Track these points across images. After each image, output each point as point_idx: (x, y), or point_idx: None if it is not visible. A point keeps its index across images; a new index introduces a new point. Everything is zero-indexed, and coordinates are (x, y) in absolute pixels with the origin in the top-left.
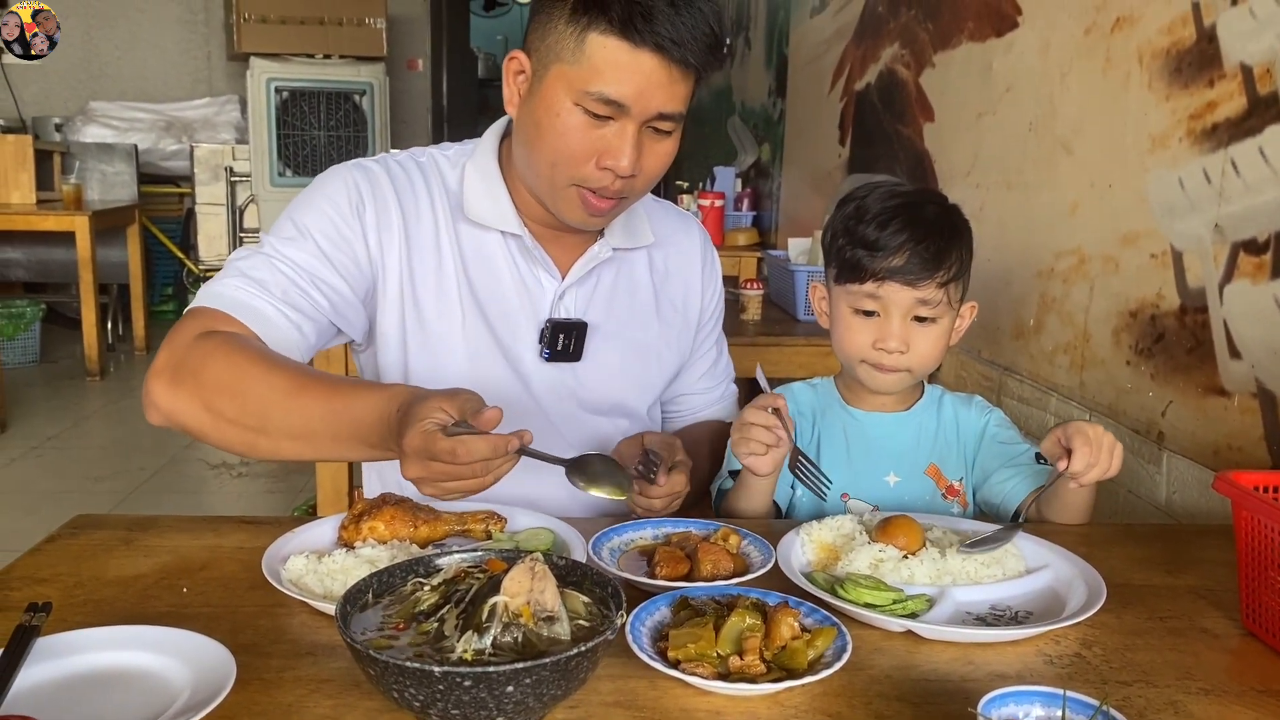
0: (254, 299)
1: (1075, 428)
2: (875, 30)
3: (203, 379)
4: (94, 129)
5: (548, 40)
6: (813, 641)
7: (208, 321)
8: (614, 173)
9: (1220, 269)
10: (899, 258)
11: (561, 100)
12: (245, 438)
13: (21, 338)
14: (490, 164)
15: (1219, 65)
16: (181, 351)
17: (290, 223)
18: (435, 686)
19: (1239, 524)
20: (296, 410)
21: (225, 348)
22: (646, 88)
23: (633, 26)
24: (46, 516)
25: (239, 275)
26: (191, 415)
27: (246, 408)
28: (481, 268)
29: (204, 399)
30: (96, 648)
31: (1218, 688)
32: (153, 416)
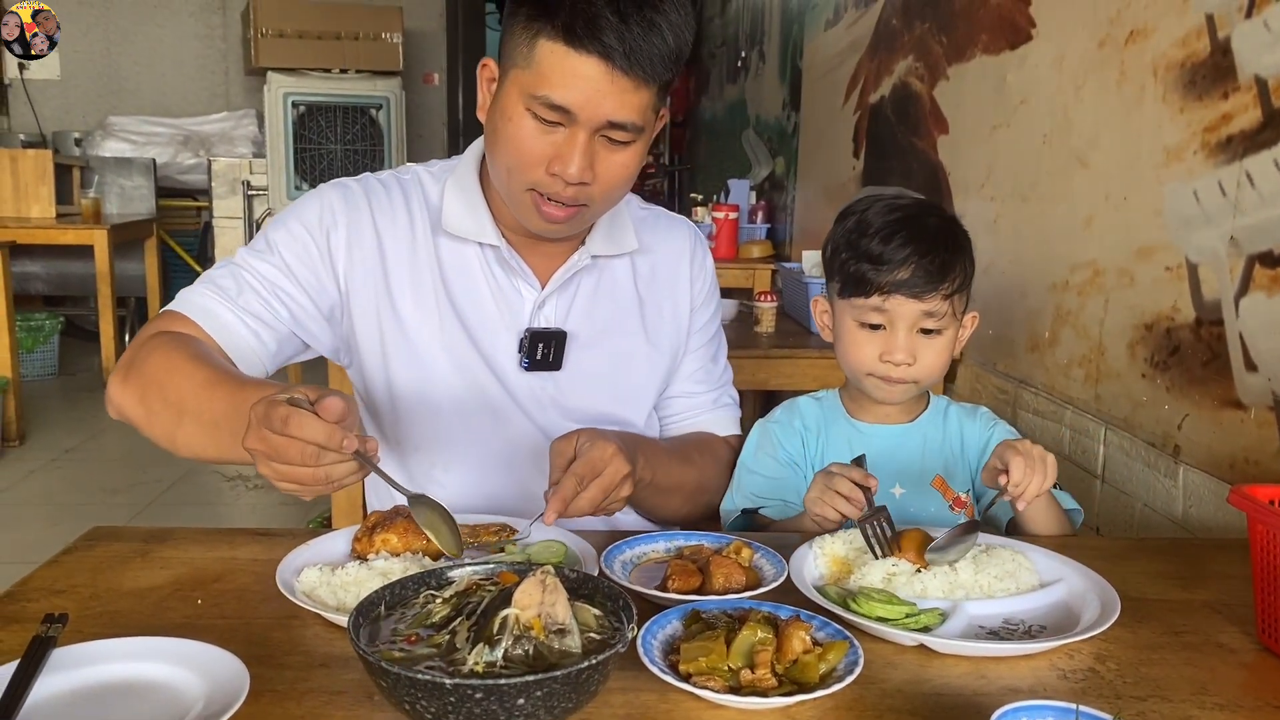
0: (215, 305)
1: (1006, 445)
2: (889, 43)
3: (143, 373)
4: (113, 143)
5: (507, 46)
6: (824, 655)
7: (167, 324)
8: (563, 179)
9: (1236, 281)
10: (904, 271)
11: (515, 105)
12: (168, 430)
13: (40, 350)
14: (470, 177)
15: (1233, 78)
16: (135, 350)
17: (264, 239)
18: (447, 698)
19: (1254, 538)
20: (207, 402)
21: (166, 345)
22: (593, 95)
23: (574, 32)
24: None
25: (207, 283)
26: (131, 407)
27: (169, 399)
28: (460, 279)
29: (141, 392)
30: (111, 659)
31: (1233, 703)
32: (109, 410)
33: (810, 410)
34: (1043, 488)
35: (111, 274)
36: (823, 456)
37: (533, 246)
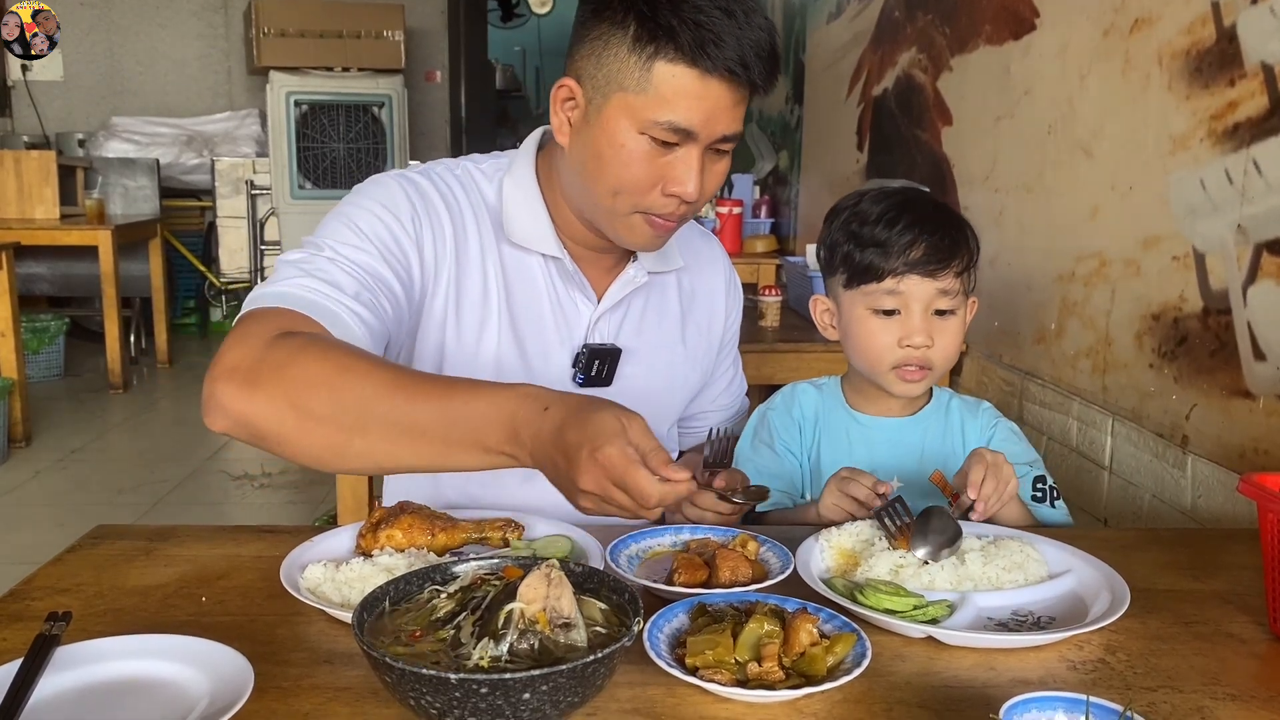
0: (326, 299)
1: (975, 453)
2: (892, 35)
3: (288, 376)
4: (116, 144)
5: (606, 68)
6: (832, 648)
7: (280, 321)
8: (680, 199)
9: (1243, 270)
10: (916, 250)
11: (626, 130)
12: (336, 440)
13: (46, 351)
14: (529, 181)
15: (1239, 65)
16: (256, 350)
17: (345, 228)
18: (452, 694)
19: (1265, 527)
20: (404, 406)
21: (316, 344)
22: (714, 113)
23: (704, 53)
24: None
25: (305, 275)
26: (271, 416)
27: (346, 403)
28: (523, 291)
29: (290, 397)
30: (116, 657)
31: (1244, 693)
32: (218, 422)
33: (809, 398)
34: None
35: (116, 275)
36: (818, 447)
37: (591, 258)
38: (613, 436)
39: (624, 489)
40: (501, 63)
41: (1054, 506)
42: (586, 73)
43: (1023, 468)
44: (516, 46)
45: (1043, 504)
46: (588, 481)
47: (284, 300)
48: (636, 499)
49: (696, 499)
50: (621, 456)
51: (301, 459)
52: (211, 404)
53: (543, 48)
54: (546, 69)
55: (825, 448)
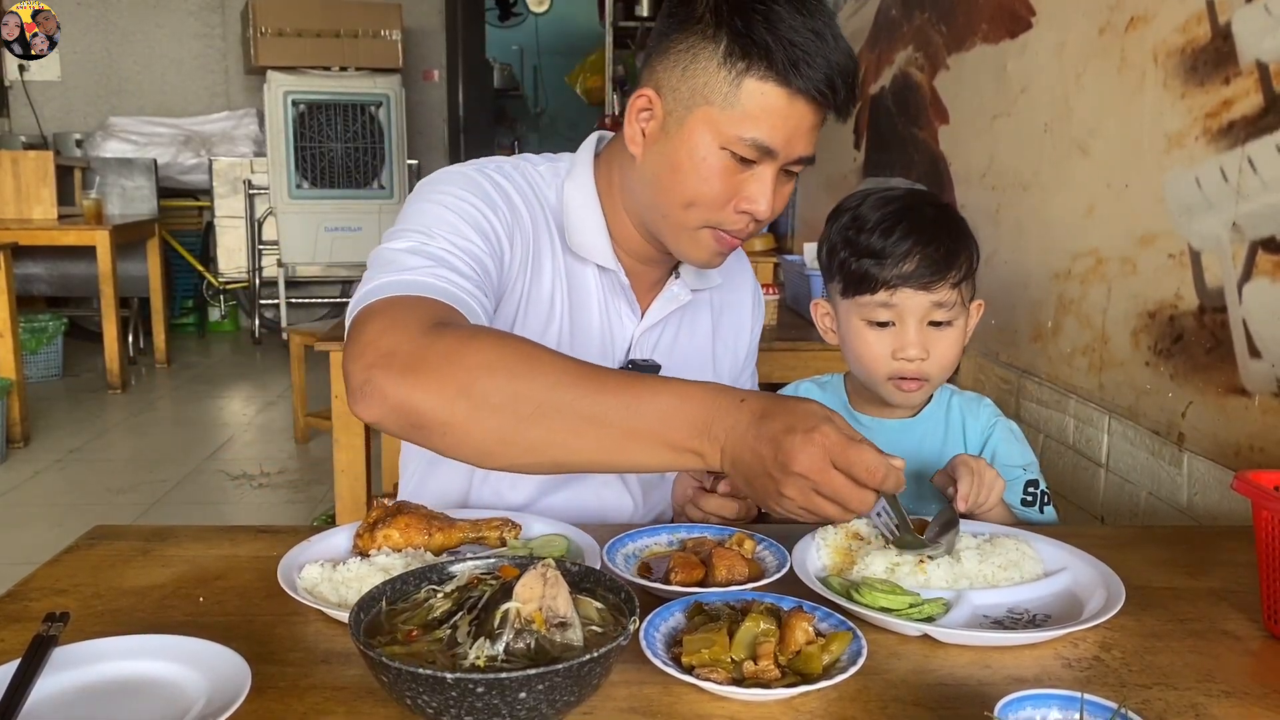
0: (456, 288)
1: (960, 459)
2: (889, 34)
3: (460, 362)
4: (114, 144)
5: (692, 81)
6: (828, 646)
7: (432, 309)
8: (752, 216)
9: (1239, 268)
10: (909, 263)
11: (708, 144)
12: (508, 428)
13: (44, 351)
14: (589, 188)
15: (1234, 63)
16: (415, 336)
17: (451, 214)
18: (448, 693)
19: (1259, 524)
20: (590, 396)
21: (489, 331)
22: (796, 133)
23: (796, 72)
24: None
25: (432, 263)
26: (439, 404)
27: (524, 392)
28: (580, 301)
29: (461, 384)
30: (113, 657)
31: (1239, 690)
32: (371, 409)
33: (810, 395)
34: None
35: (114, 275)
36: None
37: (638, 272)
38: (826, 418)
39: (847, 467)
40: (499, 62)
41: (1042, 512)
42: (668, 84)
43: (1015, 470)
44: (514, 45)
45: (1031, 508)
46: (803, 463)
47: (421, 289)
48: (862, 475)
49: (701, 502)
50: (840, 435)
51: (464, 450)
52: (368, 390)
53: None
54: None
55: None
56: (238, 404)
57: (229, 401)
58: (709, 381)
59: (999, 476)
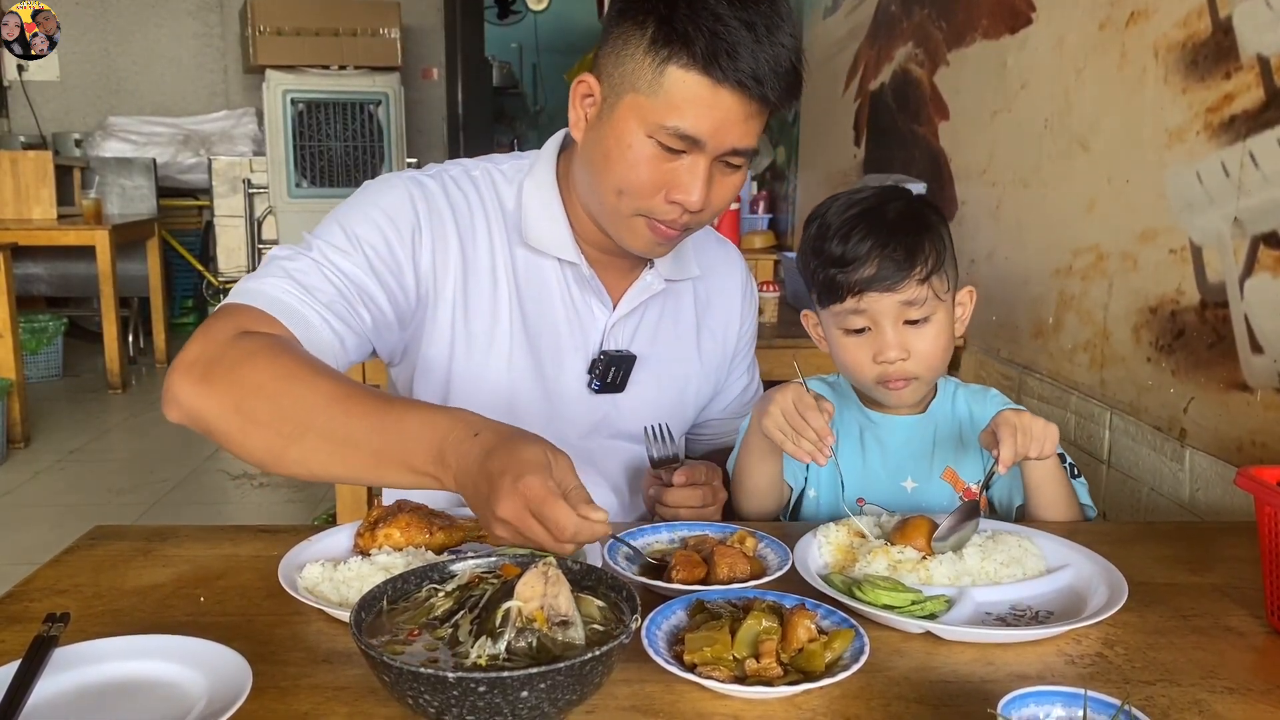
0: (299, 303)
1: (1001, 417)
2: (889, 30)
3: (238, 378)
4: (113, 144)
5: (622, 67)
6: (830, 644)
7: (246, 320)
8: (682, 207)
9: (1240, 263)
10: (869, 266)
11: (634, 131)
12: (274, 445)
13: (44, 352)
14: (549, 183)
15: (1235, 57)
16: (216, 347)
17: (340, 230)
18: (450, 692)
19: (1262, 520)
20: (340, 419)
21: (269, 349)
22: (724, 124)
23: (716, 63)
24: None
25: (284, 276)
26: (218, 415)
27: (284, 412)
28: (536, 296)
29: (235, 399)
30: (114, 657)
31: (1242, 686)
32: (172, 412)
33: (821, 393)
34: (1023, 454)
35: (114, 274)
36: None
37: (606, 262)
38: (537, 468)
39: (541, 520)
40: (498, 60)
41: (1075, 480)
42: (605, 71)
43: None
44: (513, 43)
45: None
46: (505, 509)
47: (257, 299)
48: (552, 531)
49: (664, 498)
50: (542, 487)
51: (244, 458)
52: (168, 395)
53: (539, 44)
54: (544, 66)
55: (840, 444)
56: None
57: None
58: (458, 410)
59: (1050, 425)
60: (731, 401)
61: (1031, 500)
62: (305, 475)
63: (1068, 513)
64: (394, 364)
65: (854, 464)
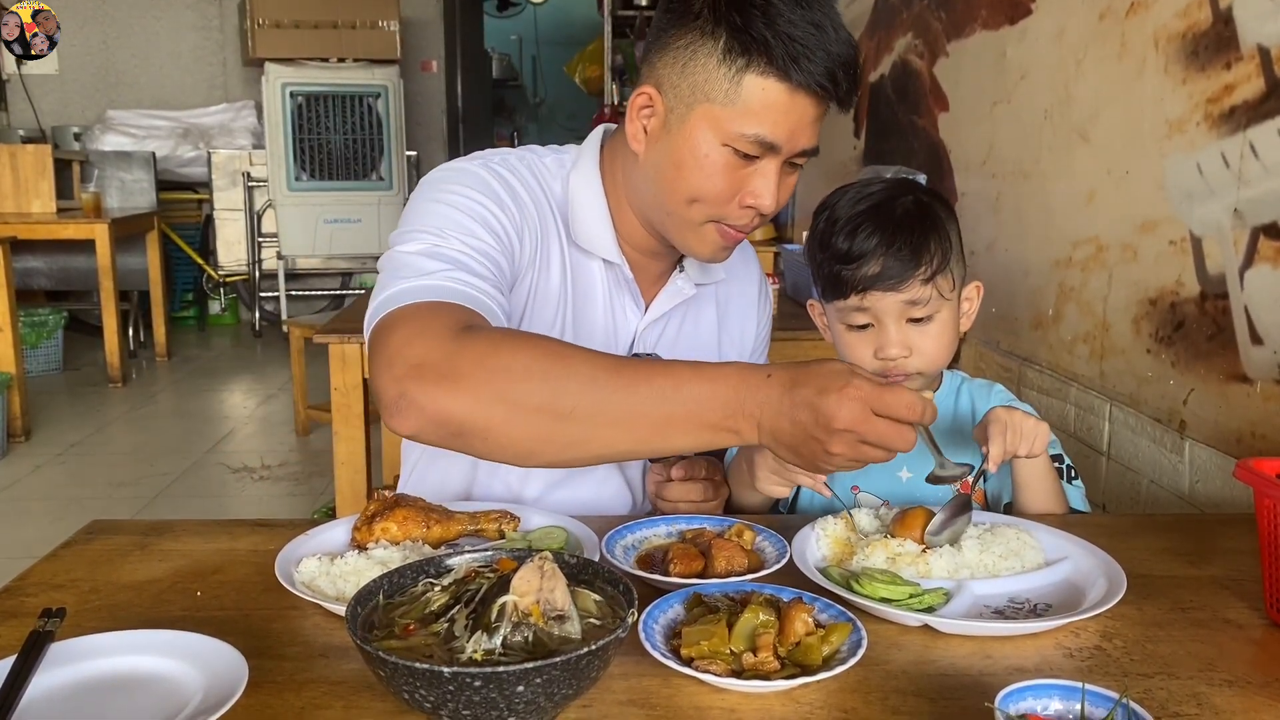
0: (475, 291)
1: (992, 414)
2: (888, 21)
3: (494, 366)
4: (112, 137)
5: (692, 78)
6: (827, 637)
7: (456, 314)
8: (757, 210)
9: (1240, 254)
10: (874, 265)
11: (709, 140)
12: (548, 428)
13: (44, 345)
14: (595, 182)
15: (1236, 47)
16: (445, 344)
17: (462, 214)
18: (445, 687)
19: (1261, 512)
20: (623, 390)
21: (515, 335)
22: (798, 127)
23: (796, 67)
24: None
25: (450, 266)
26: (475, 411)
27: (556, 391)
28: (583, 294)
29: (497, 389)
30: (110, 652)
31: (1241, 679)
32: (409, 422)
33: None
34: (1012, 452)
35: (114, 268)
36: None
37: (642, 266)
38: (852, 373)
39: (886, 412)
40: (498, 52)
41: (1071, 483)
42: (669, 81)
43: None
44: (513, 35)
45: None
46: (845, 419)
47: (440, 294)
48: (904, 414)
49: (665, 493)
50: (871, 384)
51: (505, 452)
52: (404, 404)
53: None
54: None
55: None
56: (238, 397)
57: (229, 395)
58: (732, 361)
59: (1040, 423)
60: None
61: (1019, 497)
62: (576, 458)
63: (1054, 509)
64: None
65: None
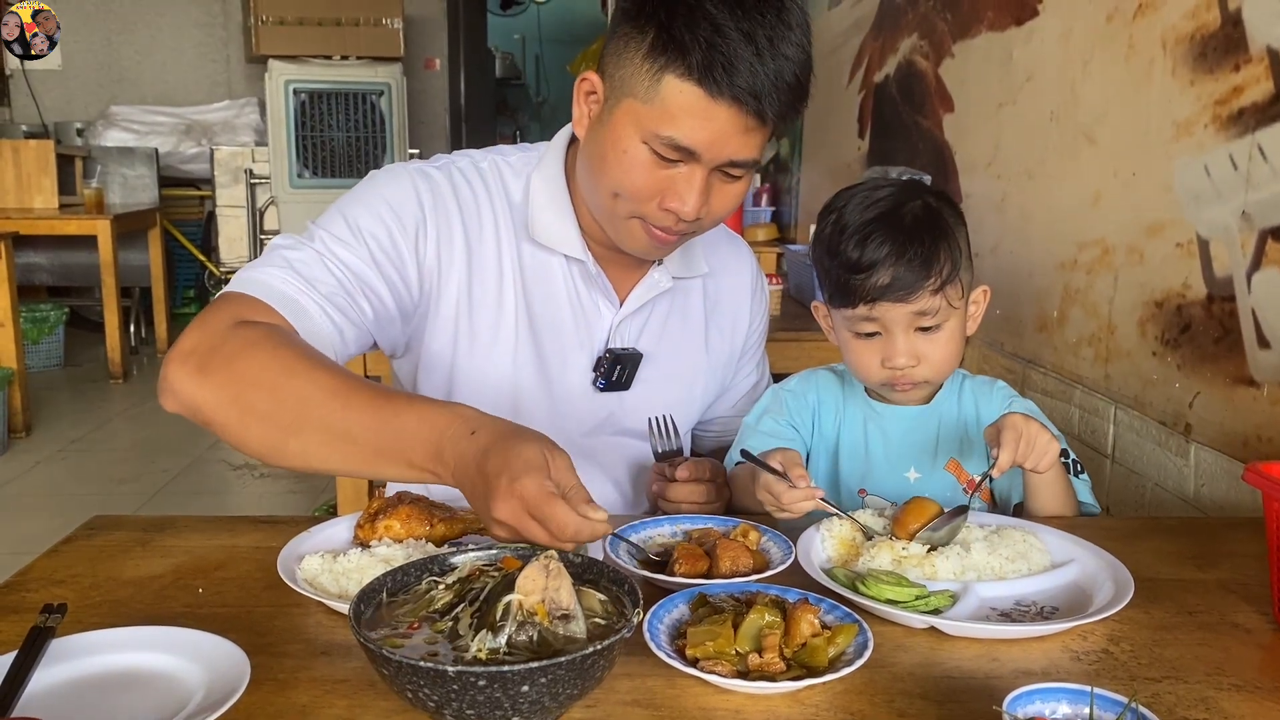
0: (299, 294)
1: (1009, 420)
2: (894, 21)
3: (237, 369)
4: (115, 133)
5: (622, 70)
6: (833, 639)
7: (244, 309)
8: (677, 214)
9: (1248, 257)
10: (884, 275)
11: (630, 136)
12: (273, 438)
13: (46, 341)
14: (557, 178)
15: (1245, 49)
16: (213, 337)
17: (343, 221)
18: (450, 686)
19: (1270, 516)
20: (339, 413)
21: (268, 340)
22: (719, 137)
23: (711, 76)
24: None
25: (285, 266)
26: (216, 407)
27: (284, 404)
28: (542, 292)
29: (234, 391)
30: (111, 649)
31: (1249, 683)
32: (168, 403)
33: (828, 384)
34: (1020, 462)
35: (115, 264)
36: (839, 434)
37: (613, 259)
38: (534, 469)
39: (541, 521)
40: (501, 50)
41: (1078, 477)
42: (608, 71)
43: None
44: (516, 34)
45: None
46: (503, 511)
47: (257, 289)
48: (555, 531)
49: (667, 493)
50: (539, 490)
51: (242, 450)
52: (164, 385)
53: (542, 35)
54: (546, 56)
55: (845, 435)
56: None
57: None
58: (458, 406)
59: (1054, 440)
60: (740, 399)
61: (1030, 500)
62: (304, 468)
63: (1064, 512)
64: (397, 356)
65: (857, 454)
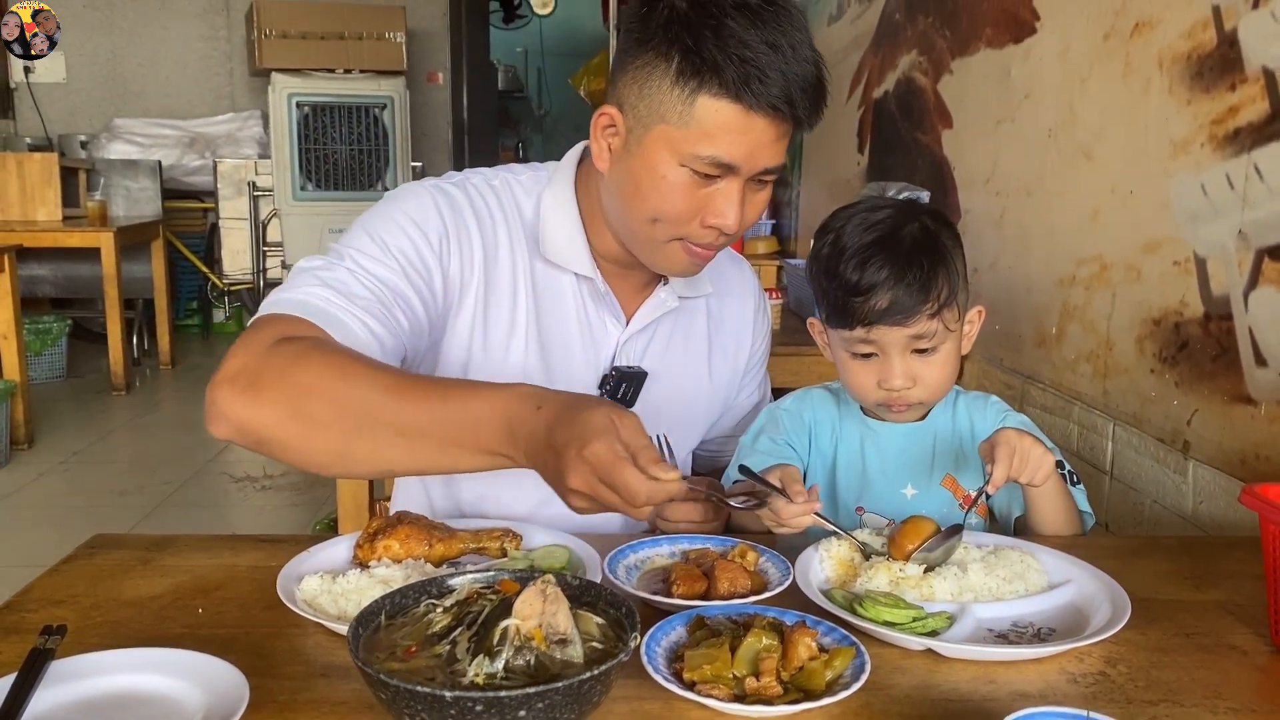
0: (336, 308)
1: (1003, 435)
2: (893, 38)
3: (290, 382)
4: (118, 146)
5: (649, 99)
6: (831, 661)
7: (285, 327)
8: (719, 230)
9: (1245, 275)
10: (883, 299)
11: (667, 162)
12: (338, 444)
13: (48, 353)
14: (568, 197)
15: (1241, 69)
16: (260, 357)
17: (369, 238)
18: (447, 711)
19: (1266, 538)
20: (407, 409)
21: (316, 350)
22: (757, 148)
23: (749, 89)
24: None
25: (319, 284)
26: (274, 423)
27: (346, 408)
28: (552, 309)
29: (292, 404)
30: (110, 671)
31: (1247, 707)
32: (220, 429)
33: (823, 403)
34: (1015, 477)
35: (118, 276)
36: (835, 452)
37: (621, 278)
38: (602, 433)
39: (612, 487)
40: (503, 63)
41: (1074, 487)
42: (628, 102)
43: None
44: (518, 47)
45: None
46: (576, 480)
47: (293, 307)
48: (624, 496)
49: (665, 512)
50: (609, 453)
51: (305, 464)
52: (214, 411)
53: (545, 49)
54: (549, 70)
55: (841, 453)
56: None
57: None
58: (517, 385)
59: (1048, 453)
60: (742, 417)
61: (1031, 513)
62: (372, 472)
63: (1067, 527)
64: (414, 365)
65: (853, 471)
